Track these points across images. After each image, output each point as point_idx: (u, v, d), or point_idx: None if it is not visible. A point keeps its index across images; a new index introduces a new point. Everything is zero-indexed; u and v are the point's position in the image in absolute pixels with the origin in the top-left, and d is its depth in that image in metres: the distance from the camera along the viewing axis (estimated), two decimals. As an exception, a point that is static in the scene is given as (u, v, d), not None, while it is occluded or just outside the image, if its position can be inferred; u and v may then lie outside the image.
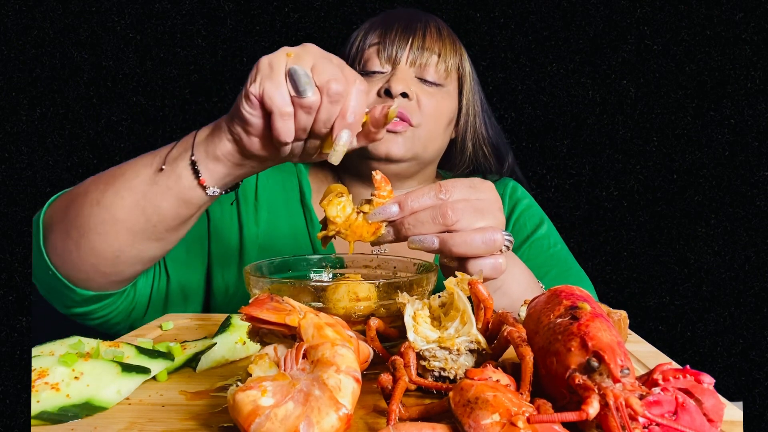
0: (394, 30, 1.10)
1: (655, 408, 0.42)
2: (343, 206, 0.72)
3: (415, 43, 1.08)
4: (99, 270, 0.83)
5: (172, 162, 0.79)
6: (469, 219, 0.69)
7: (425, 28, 1.11)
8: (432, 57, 1.09)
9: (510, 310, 0.81)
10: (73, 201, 0.83)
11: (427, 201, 0.69)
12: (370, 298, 0.65)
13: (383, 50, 1.08)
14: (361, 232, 0.72)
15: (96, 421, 0.52)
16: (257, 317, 0.52)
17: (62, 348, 0.62)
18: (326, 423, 0.44)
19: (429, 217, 0.69)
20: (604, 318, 0.49)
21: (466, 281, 0.58)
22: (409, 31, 1.09)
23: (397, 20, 1.12)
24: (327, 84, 0.69)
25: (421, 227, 0.69)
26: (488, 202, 0.71)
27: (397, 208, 0.69)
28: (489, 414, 0.41)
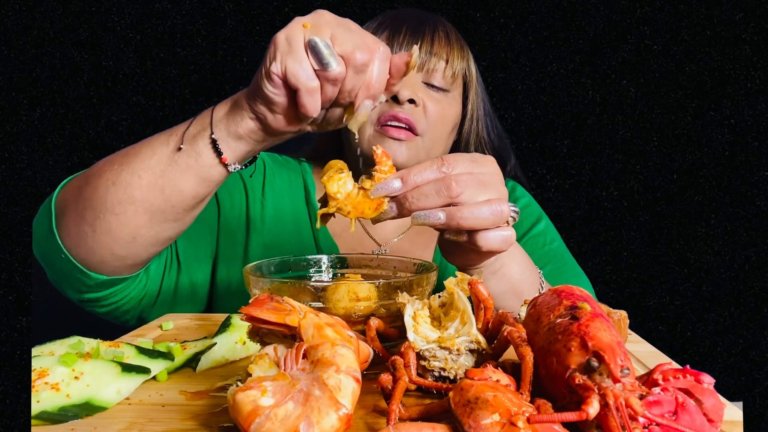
0: (402, 33, 1.08)
1: (655, 408, 0.42)
2: (343, 182, 0.70)
3: (424, 47, 1.07)
4: (114, 252, 0.82)
5: (191, 140, 0.77)
6: (473, 192, 0.68)
7: (434, 32, 1.09)
8: (440, 63, 1.08)
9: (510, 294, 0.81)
10: (87, 182, 0.81)
11: (430, 175, 0.68)
12: (370, 298, 0.65)
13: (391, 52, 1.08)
14: (362, 208, 0.70)
15: (96, 421, 0.52)
16: (257, 317, 0.52)
17: (62, 348, 0.62)
18: (326, 423, 0.44)
19: (433, 189, 0.67)
20: (604, 318, 0.49)
21: (466, 281, 0.58)
22: (417, 35, 1.08)
23: (405, 23, 1.10)
24: (352, 54, 0.67)
25: (425, 200, 0.68)
26: (491, 175, 0.71)
27: (399, 182, 0.68)
28: (489, 414, 0.41)
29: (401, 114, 1.02)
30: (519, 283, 0.83)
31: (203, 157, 0.77)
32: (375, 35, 1.09)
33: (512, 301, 0.82)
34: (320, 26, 0.68)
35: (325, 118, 0.76)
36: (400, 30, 1.08)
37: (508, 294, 0.82)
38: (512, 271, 0.81)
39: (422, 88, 1.07)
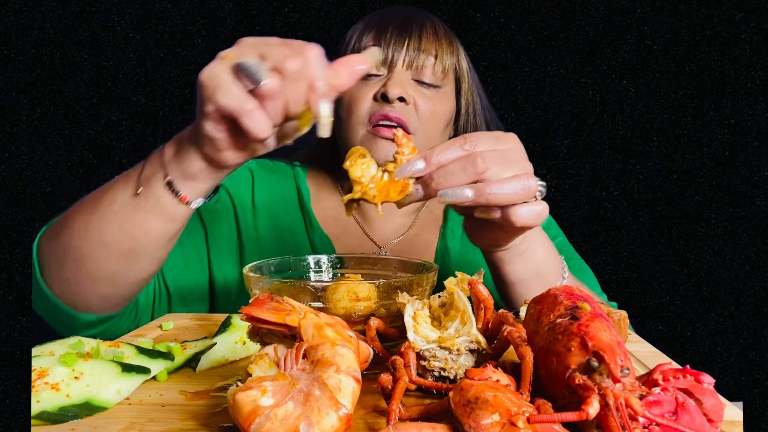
0: (389, 31, 1.07)
1: (655, 408, 0.42)
2: (366, 166, 0.69)
3: (411, 44, 1.06)
4: (99, 293, 0.83)
5: (147, 183, 0.76)
6: (499, 168, 0.67)
7: (421, 28, 1.08)
8: (428, 59, 1.06)
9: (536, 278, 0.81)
10: (61, 232, 0.82)
11: (454, 153, 0.67)
12: (370, 298, 0.65)
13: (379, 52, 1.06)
14: (387, 191, 0.69)
15: (96, 421, 0.52)
16: (257, 317, 0.52)
17: (62, 348, 0.62)
18: (326, 423, 0.44)
19: (459, 167, 0.66)
20: (604, 318, 0.49)
21: (466, 281, 0.58)
22: (404, 32, 1.07)
23: (392, 20, 1.09)
24: (282, 63, 0.64)
25: (452, 179, 0.66)
26: (515, 151, 0.70)
27: (423, 163, 0.67)
28: (489, 414, 0.41)
29: (392, 113, 1.02)
30: (544, 266, 0.82)
31: (163, 199, 0.75)
32: (363, 35, 1.08)
33: (538, 286, 0.81)
34: (243, 50, 0.66)
35: (283, 133, 0.72)
36: (386, 29, 1.07)
37: (534, 278, 0.82)
38: (537, 254, 0.80)
39: (412, 85, 1.05)
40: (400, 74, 1.04)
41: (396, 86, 1.02)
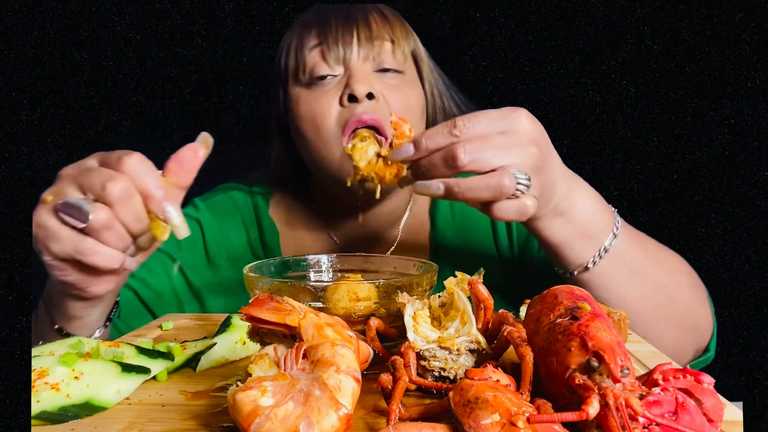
0: (332, 25, 0.97)
1: (655, 408, 0.42)
2: (364, 150, 0.72)
3: (362, 33, 0.96)
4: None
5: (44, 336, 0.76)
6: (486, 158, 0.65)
7: (367, 15, 0.99)
8: (385, 44, 0.97)
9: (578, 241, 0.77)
10: None
11: (441, 139, 0.66)
12: (370, 298, 0.65)
13: (328, 50, 0.95)
14: (383, 174, 0.72)
15: (96, 421, 0.52)
16: (257, 317, 0.52)
17: (62, 348, 0.62)
18: (326, 423, 0.44)
19: (440, 159, 0.65)
20: (604, 318, 0.49)
21: (466, 281, 0.58)
22: (350, 22, 0.97)
23: (332, 13, 0.99)
24: (104, 191, 0.60)
25: (435, 171, 0.66)
26: (516, 134, 0.67)
27: (412, 147, 0.67)
28: (489, 414, 0.41)
29: (365, 116, 0.92)
30: (591, 224, 0.78)
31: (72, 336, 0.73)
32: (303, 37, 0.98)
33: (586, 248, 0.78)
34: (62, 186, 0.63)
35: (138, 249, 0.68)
36: (327, 24, 0.98)
37: (577, 240, 0.78)
38: (581, 212, 0.77)
39: (376, 77, 0.96)
40: (360, 69, 0.95)
41: (360, 82, 0.93)
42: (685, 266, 0.91)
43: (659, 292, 0.84)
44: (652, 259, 0.84)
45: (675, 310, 0.86)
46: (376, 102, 0.94)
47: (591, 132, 1.80)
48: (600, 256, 0.79)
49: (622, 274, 0.82)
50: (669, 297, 0.85)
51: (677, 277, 0.87)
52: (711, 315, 0.92)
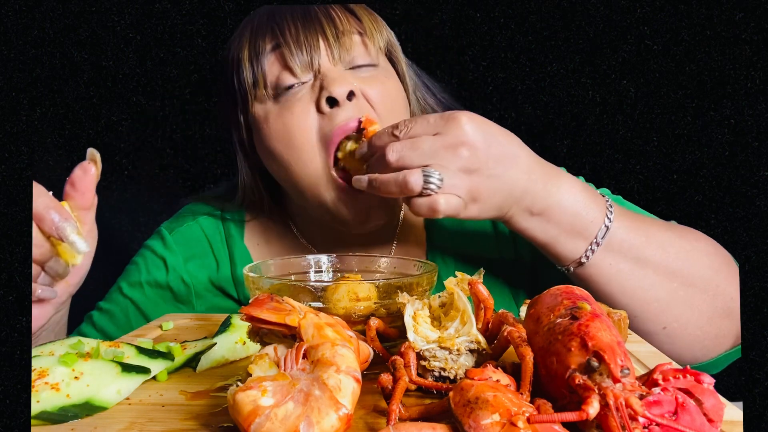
0: (290, 28, 0.85)
1: (655, 408, 0.42)
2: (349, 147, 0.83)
3: (328, 32, 0.85)
4: None
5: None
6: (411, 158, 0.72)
7: (327, 10, 0.88)
8: (354, 38, 0.87)
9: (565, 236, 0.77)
10: None
11: (385, 138, 0.75)
12: (370, 298, 0.65)
13: (292, 57, 0.84)
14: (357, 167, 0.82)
15: (96, 421, 0.52)
16: (257, 317, 0.52)
17: (62, 348, 0.62)
18: (326, 423, 0.44)
19: (376, 161, 0.74)
20: (604, 318, 0.49)
21: (466, 281, 0.58)
22: (311, 22, 0.86)
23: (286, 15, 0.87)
24: None
25: (374, 168, 0.75)
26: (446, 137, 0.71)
27: (366, 147, 0.77)
28: (489, 414, 0.41)
29: (351, 123, 0.84)
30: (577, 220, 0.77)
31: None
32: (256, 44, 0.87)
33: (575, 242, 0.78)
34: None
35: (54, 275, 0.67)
36: (285, 26, 0.86)
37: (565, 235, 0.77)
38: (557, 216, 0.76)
39: (351, 74, 0.87)
40: (332, 70, 0.86)
41: (337, 83, 0.83)
42: (705, 245, 0.85)
43: (672, 279, 0.80)
44: (657, 244, 0.80)
45: (696, 295, 0.80)
46: (357, 100, 0.85)
47: (591, 132, 1.80)
48: (592, 250, 0.78)
49: (624, 265, 0.79)
50: (686, 282, 0.80)
51: (694, 259, 0.81)
52: None
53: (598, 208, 0.79)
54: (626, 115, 1.77)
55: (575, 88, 1.78)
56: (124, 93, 1.80)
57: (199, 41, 1.79)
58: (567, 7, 1.74)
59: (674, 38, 1.70)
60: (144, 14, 1.75)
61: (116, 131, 1.82)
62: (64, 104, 1.77)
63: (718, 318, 0.82)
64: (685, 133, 1.74)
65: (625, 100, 1.77)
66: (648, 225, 0.83)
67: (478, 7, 1.76)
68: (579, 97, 1.78)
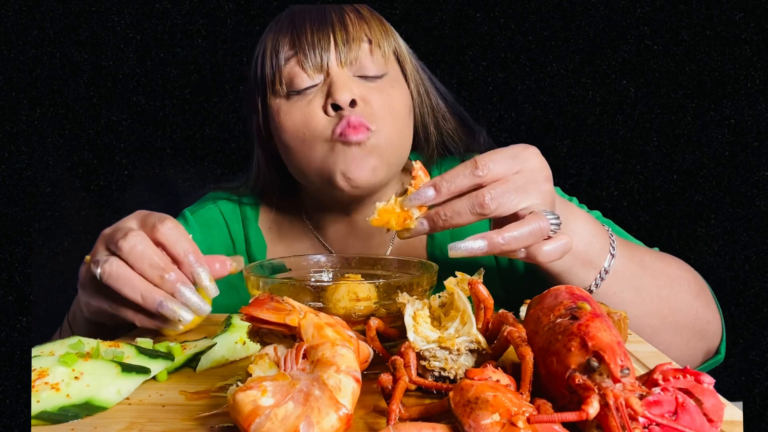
0: (307, 31, 0.93)
1: (655, 408, 0.42)
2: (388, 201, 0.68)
3: (339, 37, 0.92)
4: None
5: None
6: (510, 202, 0.64)
7: (342, 15, 0.95)
8: (363, 45, 0.93)
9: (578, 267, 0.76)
10: None
11: (464, 181, 0.64)
12: (370, 298, 0.65)
13: (305, 59, 0.92)
14: (388, 217, 0.66)
15: (96, 421, 0.52)
16: (257, 317, 0.52)
17: (62, 348, 0.62)
18: (326, 423, 0.44)
19: (467, 206, 0.64)
20: (604, 318, 0.49)
21: (466, 281, 0.58)
22: (325, 26, 0.93)
23: (306, 18, 0.95)
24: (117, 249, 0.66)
25: (458, 219, 0.64)
26: (531, 173, 0.66)
27: (433, 191, 0.64)
28: (489, 414, 0.41)
29: (352, 118, 0.89)
30: (589, 250, 0.78)
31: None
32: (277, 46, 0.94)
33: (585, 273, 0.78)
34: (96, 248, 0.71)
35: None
36: (302, 28, 0.93)
37: (578, 267, 0.78)
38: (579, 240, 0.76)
39: (357, 82, 0.93)
40: (340, 76, 0.92)
41: (342, 90, 0.89)
42: (686, 272, 0.90)
43: (662, 304, 0.84)
44: (651, 274, 0.84)
45: (680, 319, 0.85)
46: (359, 108, 0.92)
47: (591, 132, 1.80)
48: (602, 278, 0.79)
49: (626, 294, 0.81)
50: (672, 307, 0.84)
51: (678, 286, 0.86)
52: (719, 318, 0.91)
53: (604, 237, 0.80)
54: (626, 115, 1.78)
55: (575, 88, 1.78)
56: (124, 93, 1.80)
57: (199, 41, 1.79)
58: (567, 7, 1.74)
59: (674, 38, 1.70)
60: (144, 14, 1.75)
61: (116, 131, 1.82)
62: (64, 104, 1.77)
63: (694, 340, 0.87)
64: (685, 133, 1.74)
65: (625, 100, 1.77)
66: (642, 254, 0.86)
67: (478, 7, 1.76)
68: (579, 97, 1.79)
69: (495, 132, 1.74)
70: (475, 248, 0.63)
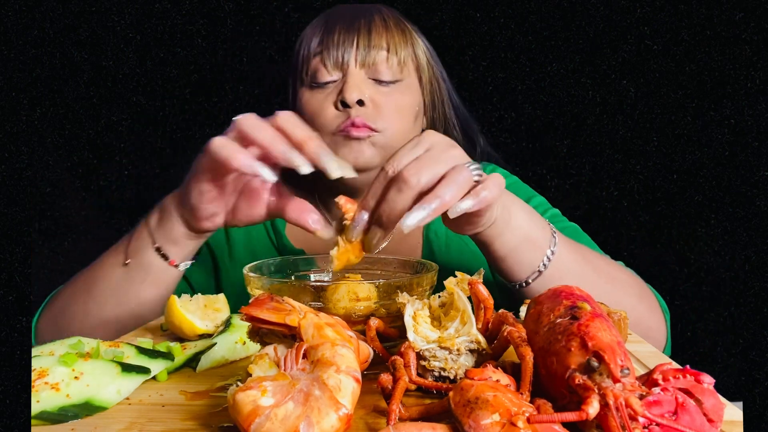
0: (336, 32, 1.02)
1: (655, 408, 0.42)
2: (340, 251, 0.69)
3: (361, 42, 1.01)
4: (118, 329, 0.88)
5: (136, 254, 0.84)
6: (429, 170, 0.65)
7: (370, 23, 1.03)
8: (380, 53, 1.01)
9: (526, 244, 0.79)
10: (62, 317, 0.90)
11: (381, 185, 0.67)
12: (370, 298, 0.65)
13: (328, 57, 1.01)
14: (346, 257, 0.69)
15: (96, 421, 0.52)
16: (257, 317, 0.52)
17: (62, 348, 0.62)
18: (326, 423, 0.44)
19: (395, 192, 0.65)
20: (604, 318, 0.49)
21: (466, 281, 0.58)
22: (352, 30, 1.02)
23: (338, 20, 1.04)
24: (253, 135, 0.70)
25: (394, 205, 0.65)
26: (438, 145, 0.69)
27: (365, 213, 0.67)
28: (489, 414, 0.41)
29: (357, 120, 0.97)
30: (531, 230, 0.81)
31: (154, 266, 0.83)
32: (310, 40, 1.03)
33: (531, 252, 0.80)
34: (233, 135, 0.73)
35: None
36: (332, 30, 1.02)
37: (524, 244, 0.80)
38: (521, 219, 0.79)
39: (369, 85, 1.01)
40: (354, 76, 1.00)
41: (352, 90, 0.98)
42: (629, 277, 0.94)
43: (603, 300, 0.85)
44: (593, 269, 0.87)
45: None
46: (366, 108, 0.99)
47: (591, 132, 1.80)
48: (549, 259, 0.82)
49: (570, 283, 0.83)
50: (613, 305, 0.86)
51: (621, 287, 0.89)
52: (664, 329, 0.95)
53: (544, 222, 0.84)
54: (626, 115, 1.78)
55: (575, 88, 1.78)
56: (124, 93, 1.80)
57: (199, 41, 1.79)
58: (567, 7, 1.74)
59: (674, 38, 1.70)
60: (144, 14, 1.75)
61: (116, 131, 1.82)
62: (64, 104, 1.77)
63: None
64: (685, 133, 1.74)
65: (625, 100, 1.77)
66: (584, 250, 0.89)
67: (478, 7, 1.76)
68: (579, 97, 1.79)
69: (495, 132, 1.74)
70: (420, 217, 0.63)
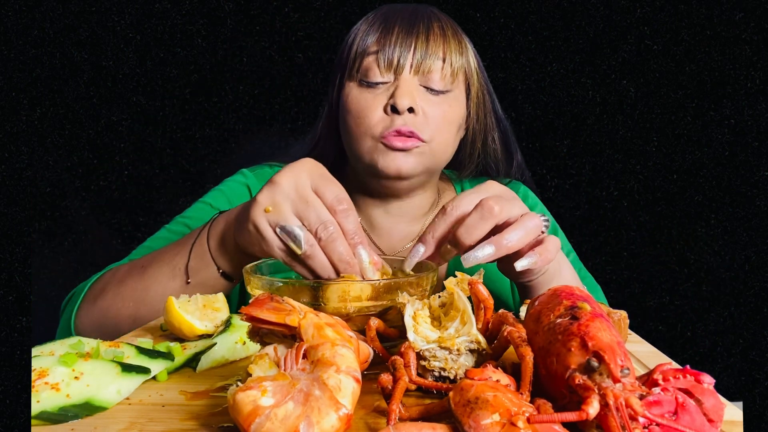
0: (394, 33, 1.01)
1: (655, 408, 0.42)
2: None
3: (419, 47, 1.00)
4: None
5: (197, 274, 0.87)
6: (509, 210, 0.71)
7: (429, 29, 1.02)
8: (436, 62, 1.00)
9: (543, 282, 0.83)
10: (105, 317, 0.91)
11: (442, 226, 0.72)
12: (361, 298, 0.65)
13: (383, 57, 1.00)
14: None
15: (96, 421, 0.52)
16: (257, 317, 0.52)
17: (62, 348, 0.62)
18: (326, 423, 0.44)
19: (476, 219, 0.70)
20: (604, 318, 0.49)
21: (466, 281, 0.58)
22: (411, 33, 1.01)
23: (397, 20, 1.03)
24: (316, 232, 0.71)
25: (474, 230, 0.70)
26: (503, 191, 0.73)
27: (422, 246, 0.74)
28: (489, 414, 0.41)
29: (403, 128, 0.97)
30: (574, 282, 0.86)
31: (213, 282, 0.87)
32: (366, 37, 1.03)
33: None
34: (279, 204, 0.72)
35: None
36: (391, 29, 1.01)
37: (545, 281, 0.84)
38: (566, 275, 0.85)
39: (421, 93, 1.00)
40: (407, 82, 0.99)
41: (404, 96, 0.97)
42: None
43: None
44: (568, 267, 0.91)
45: None
46: (415, 116, 0.99)
47: (591, 132, 1.80)
48: None
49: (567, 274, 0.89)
50: None
51: None
52: None
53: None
54: (626, 115, 1.78)
55: (575, 88, 1.78)
56: (124, 93, 1.80)
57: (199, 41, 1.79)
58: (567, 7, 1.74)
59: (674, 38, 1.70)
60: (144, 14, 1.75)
61: (116, 131, 1.82)
62: (64, 104, 1.77)
63: None
64: (685, 133, 1.74)
65: (625, 100, 1.77)
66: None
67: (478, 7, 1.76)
68: (579, 97, 1.79)
69: (495, 132, 1.73)
70: (486, 254, 0.69)
